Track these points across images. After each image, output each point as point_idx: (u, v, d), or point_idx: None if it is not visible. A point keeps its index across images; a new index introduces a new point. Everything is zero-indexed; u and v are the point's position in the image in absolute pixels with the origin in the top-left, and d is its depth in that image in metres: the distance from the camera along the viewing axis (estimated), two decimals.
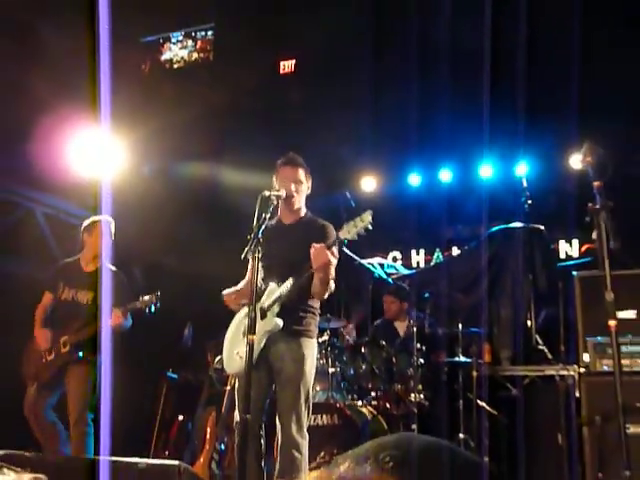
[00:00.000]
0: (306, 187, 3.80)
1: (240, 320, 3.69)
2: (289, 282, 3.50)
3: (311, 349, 3.66)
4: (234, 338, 3.67)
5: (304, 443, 3.46)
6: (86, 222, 4.85)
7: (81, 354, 4.47)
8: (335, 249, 3.53)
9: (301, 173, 3.74)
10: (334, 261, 3.49)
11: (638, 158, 6.19)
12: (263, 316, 3.51)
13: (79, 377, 4.47)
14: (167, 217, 6.80)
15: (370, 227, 3.39)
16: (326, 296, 3.68)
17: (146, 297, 4.50)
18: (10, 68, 5.83)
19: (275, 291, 3.54)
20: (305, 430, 3.50)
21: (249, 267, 3.82)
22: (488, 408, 5.34)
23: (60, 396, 4.56)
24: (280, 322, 3.52)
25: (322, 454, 3.77)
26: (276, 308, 3.54)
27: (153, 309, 4.53)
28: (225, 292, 3.79)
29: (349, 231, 3.40)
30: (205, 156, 7.01)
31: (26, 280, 5.70)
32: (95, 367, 4.50)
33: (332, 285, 3.61)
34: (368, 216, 3.39)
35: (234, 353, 3.59)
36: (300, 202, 3.78)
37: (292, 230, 3.72)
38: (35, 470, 1.05)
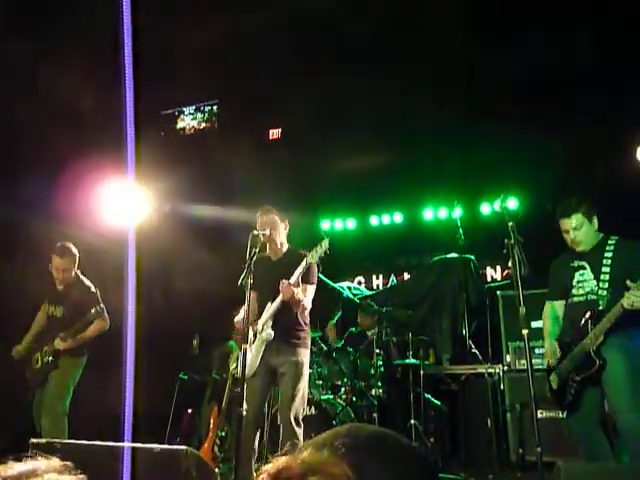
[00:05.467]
0: (283, 227, 3.77)
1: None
2: (272, 304, 3.54)
3: (307, 357, 3.65)
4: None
5: (300, 432, 3.44)
6: (57, 247, 4.54)
7: (58, 360, 4.28)
8: (310, 275, 3.55)
9: (275, 218, 3.73)
10: (297, 292, 3.45)
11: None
12: (262, 330, 3.54)
13: (57, 377, 4.27)
14: (181, 250, 6.76)
15: (328, 251, 3.35)
16: (306, 312, 3.66)
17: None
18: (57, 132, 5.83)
19: (269, 310, 3.56)
20: (301, 421, 3.47)
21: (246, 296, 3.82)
22: (433, 399, 5.33)
23: None
24: (272, 333, 3.50)
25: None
26: (270, 322, 3.53)
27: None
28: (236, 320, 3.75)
29: (313, 256, 3.40)
30: (210, 202, 7.02)
31: None
32: (71, 369, 4.32)
33: (306, 304, 3.58)
34: (326, 242, 3.37)
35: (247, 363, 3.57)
36: (281, 239, 3.76)
37: (277, 265, 3.70)
38: (64, 457, 1.01)
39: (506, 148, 6.01)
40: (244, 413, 3.01)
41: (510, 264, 2.82)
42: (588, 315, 3.11)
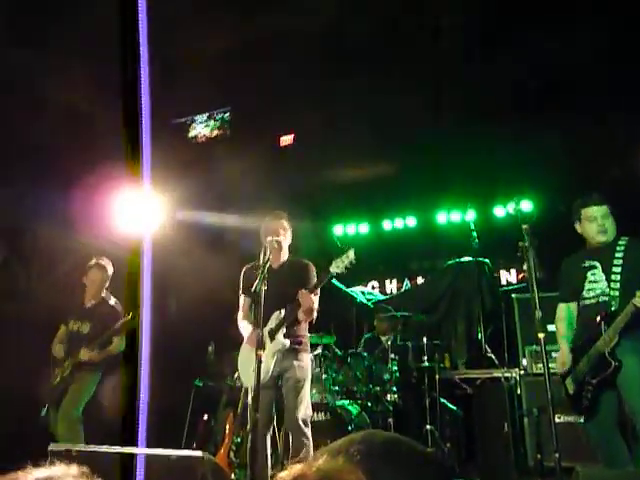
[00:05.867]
0: (289, 235, 3.79)
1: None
2: (282, 312, 3.54)
3: (309, 360, 3.73)
4: (248, 359, 3.60)
5: (309, 431, 3.47)
6: (91, 263, 4.66)
7: (78, 373, 4.37)
8: (317, 289, 3.55)
9: (285, 224, 3.75)
10: (316, 301, 3.51)
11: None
12: (272, 339, 3.51)
13: (73, 389, 4.35)
14: (195, 257, 6.79)
15: (354, 261, 3.35)
16: (310, 320, 3.69)
17: (119, 323, 4.32)
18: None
19: (277, 318, 3.56)
20: (309, 421, 3.52)
21: (240, 305, 3.82)
22: (448, 404, 5.29)
23: None
24: (287, 342, 3.51)
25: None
26: (282, 331, 3.53)
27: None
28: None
29: (338, 266, 3.36)
30: (223, 209, 7.06)
31: None
32: (88, 383, 4.40)
33: (314, 315, 3.61)
34: (351, 252, 3.36)
35: (250, 370, 3.52)
36: (286, 247, 3.78)
37: (280, 272, 3.69)
38: (82, 464, 1.02)
39: (519, 150, 5.97)
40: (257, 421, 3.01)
41: (525, 267, 2.81)
42: (600, 317, 3.08)
